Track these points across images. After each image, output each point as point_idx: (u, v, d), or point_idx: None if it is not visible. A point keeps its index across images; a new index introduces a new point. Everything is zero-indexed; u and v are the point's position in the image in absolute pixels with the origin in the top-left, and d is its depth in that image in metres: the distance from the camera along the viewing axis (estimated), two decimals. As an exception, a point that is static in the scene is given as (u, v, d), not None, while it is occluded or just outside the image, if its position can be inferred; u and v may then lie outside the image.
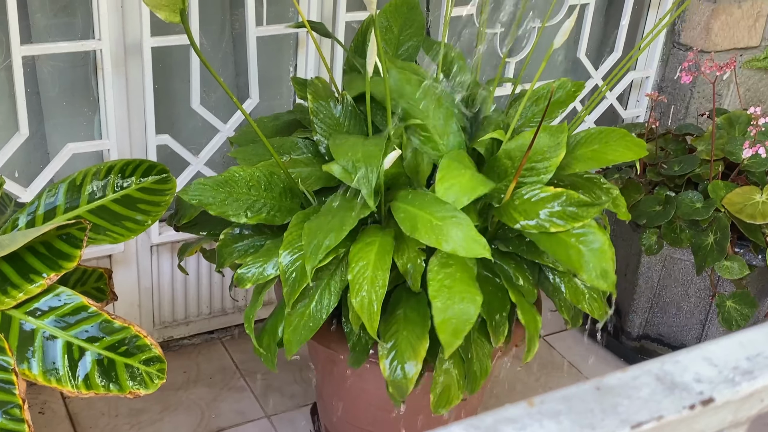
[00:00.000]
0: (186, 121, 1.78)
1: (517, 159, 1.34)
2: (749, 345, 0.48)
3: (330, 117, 1.39)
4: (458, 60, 1.55)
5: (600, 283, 1.26)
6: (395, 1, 1.54)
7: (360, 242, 1.26)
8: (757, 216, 1.70)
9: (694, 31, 2.15)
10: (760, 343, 0.48)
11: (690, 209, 1.76)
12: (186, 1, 1.11)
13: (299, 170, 1.37)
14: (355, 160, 1.24)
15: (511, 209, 1.32)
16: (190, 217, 1.41)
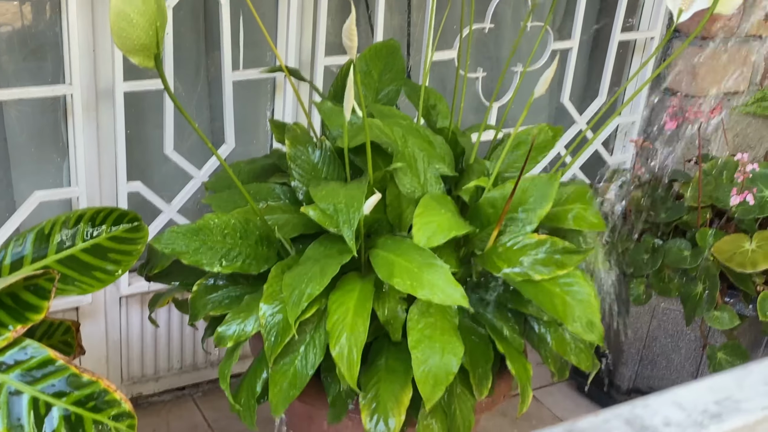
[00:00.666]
0: (158, 168, 1.81)
1: (500, 207, 1.38)
2: (718, 389, 0.50)
3: (308, 163, 1.42)
4: (439, 104, 1.59)
5: (587, 335, 1.29)
6: (375, 46, 1.59)
7: (339, 290, 1.28)
8: (747, 265, 1.74)
9: (680, 75, 2.21)
10: (729, 388, 0.50)
11: (678, 258, 1.80)
12: (161, 46, 1.14)
13: (276, 217, 1.39)
14: (336, 204, 1.27)
15: (495, 257, 1.35)
16: (162, 266, 1.43)
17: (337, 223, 1.28)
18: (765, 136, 2.40)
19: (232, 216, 1.35)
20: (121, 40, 1.11)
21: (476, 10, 2.06)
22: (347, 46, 1.14)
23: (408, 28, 2.02)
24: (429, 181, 1.38)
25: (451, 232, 1.30)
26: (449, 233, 1.29)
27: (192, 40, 1.76)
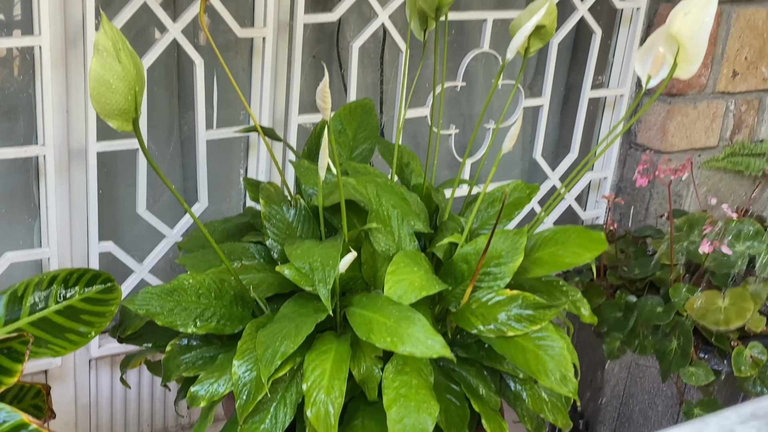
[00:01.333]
0: (130, 227, 1.85)
1: (474, 263, 1.44)
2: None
3: (283, 221, 1.47)
4: (413, 162, 1.66)
5: (561, 389, 1.34)
6: (350, 105, 1.66)
7: (315, 350, 1.32)
8: (721, 322, 1.80)
9: (650, 131, 2.31)
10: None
11: (651, 315, 1.86)
12: (139, 110, 1.20)
13: (251, 276, 1.44)
14: (311, 263, 1.32)
15: (468, 313, 1.41)
16: (135, 327, 1.46)
17: (312, 281, 1.33)
18: (736, 191, 2.49)
19: (207, 276, 1.40)
20: (100, 105, 1.16)
21: (448, 68, 2.14)
22: (321, 107, 1.20)
23: (381, 85, 2.10)
24: (403, 239, 1.44)
25: (422, 291, 1.35)
26: (421, 292, 1.34)
27: (165, 100, 1.82)
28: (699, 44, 1.27)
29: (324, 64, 1.65)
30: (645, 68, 1.39)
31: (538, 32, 1.57)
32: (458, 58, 2.05)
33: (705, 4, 1.26)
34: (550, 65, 2.13)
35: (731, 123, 2.39)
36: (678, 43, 1.30)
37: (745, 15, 2.26)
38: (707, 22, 1.26)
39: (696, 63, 1.30)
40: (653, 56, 1.38)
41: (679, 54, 1.30)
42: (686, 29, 1.27)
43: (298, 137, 1.86)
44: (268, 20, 1.73)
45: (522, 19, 1.54)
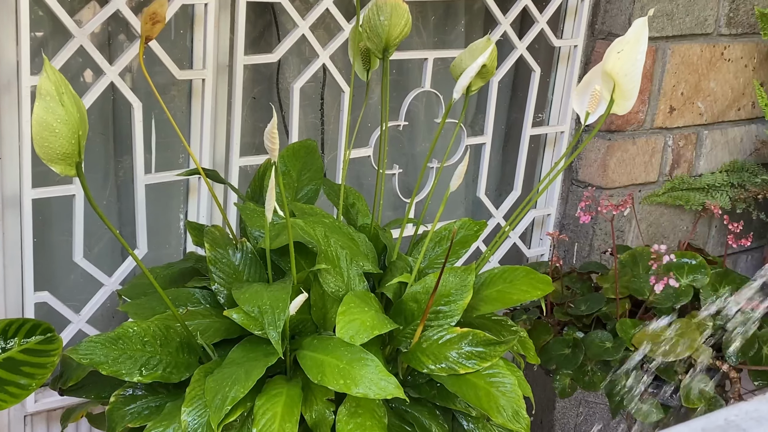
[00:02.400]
0: (65, 276, 1.86)
1: (423, 301, 1.48)
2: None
3: (229, 265, 1.50)
4: (358, 203, 1.71)
5: (513, 425, 1.39)
6: (293, 146, 1.71)
7: (266, 394, 1.35)
8: (669, 354, 1.88)
9: (591, 168, 2.40)
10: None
11: (600, 350, 1.93)
12: (83, 154, 1.23)
13: (197, 322, 1.46)
14: (260, 306, 1.35)
15: (419, 353, 1.45)
16: (77, 378, 1.47)
17: (262, 325, 1.36)
18: (678, 225, 2.60)
19: (152, 323, 1.42)
20: (43, 150, 1.18)
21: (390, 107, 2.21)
22: (269, 148, 1.25)
23: (321, 126, 2.15)
24: (353, 280, 1.48)
25: (374, 330, 1.39)
26: (372, 331, 1.39)
27: (101, 144, 1.84)
28: (633, 81, 1.36)
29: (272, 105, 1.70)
30: (583, 105, 1.47)
31: (480, 71, 1.64)
32: (400, 98, 2.11)
33: (636, 42, 1.35)
34: (491, 103, 2.21)
35: (670, 158, 2.50)
36: (613, 80, 1.38)
37: (680, 51, 2.38)
38: (639, 60, 1.35)
39: (631, 99, 1.38)
40: (590, 94, 1.46)
41: (615, 91, 1.38)
42: (620, 67, 1.35)
43: (240, 180, 1.90)
44: (208, 62, 1.77)
45: (463, 59, 1.61)
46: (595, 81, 1.43)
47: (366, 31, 1.50)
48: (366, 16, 1.50)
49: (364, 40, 1.52)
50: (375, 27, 1.49)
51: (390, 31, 1.49)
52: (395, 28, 1.49)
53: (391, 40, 1.50)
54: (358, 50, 1.65)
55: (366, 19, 1.50)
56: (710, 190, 2.57)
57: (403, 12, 1.49)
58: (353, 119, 2.01)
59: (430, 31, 2.22)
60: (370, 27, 1.49)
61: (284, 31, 1.99)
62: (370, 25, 1.49)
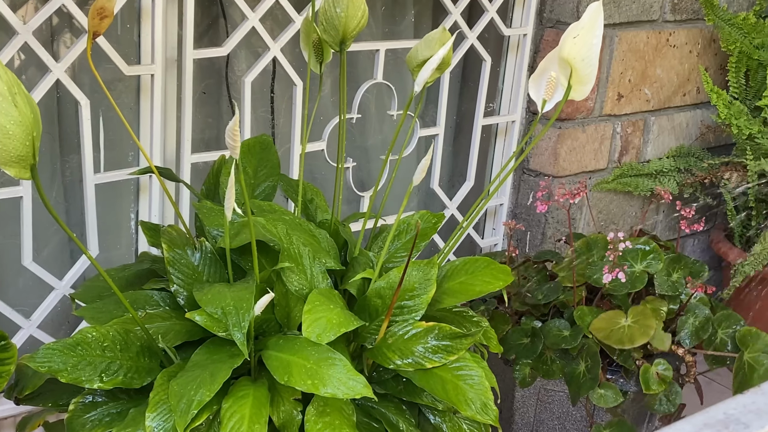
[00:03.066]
0: (13, 280, 1.81)
1: (388, 297, 1.48)
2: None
3: (188, 266, 1.48)
4: (317, 198, 1.70)
5: (482, 417, 1.39)
6: (248, 142, 1.69)
7: (232, 396, 1.33)
8: (625, 341, 1.91)
9: (542, 156, 2.42)
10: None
11: (558, 339, 1.95)
12: (37, 155, 1.19)
13: (157, 325, 1.44)
14: (224, 307, 1.34)
15: (385, 349, 1.45)
16: (34, 386, 1.44)
17: (226, 326, 1.35)
18: (627, 211, 2.64)
19: (111, 327, 1.39)
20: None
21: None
22: (230, 146, 1.23)
23: (272, 120, 2.13)
24: (316, 277, 1.47)
25: (341, 328, 1.39)
26: (339, 329, 1.38)
27: (46, 144, 1.79)
28: (590, 65, 1.37)
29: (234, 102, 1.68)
30: (539, 93, 1.48)
31: (436, 63, 1.64)
32: (351, 90, 2.10)
33: (591, 26, 1.36)
34: (443, 94, 2.22)
35: (619, 145, 2.54)
36: (570, 65, 1.39)
37: (627, 38, 2.41)
38: (596, 44, 1.36)
39: (589, 84, 1.39)
40: (546, 81, 1.47)
41: (572, 76, 1.40)
42: (576, 52, 1.36)
43: (192, 177, 1.87)
44: (156, 57, 1.74)
45: (419, 50, 1.61)
46: (550, 68, 1.43)
47: (322, 24, 1.49)
48: (322, 9, 1.48)
49: (320, 33, 1.51)
50: (331, 19, 1.48)
51: (347, 24, 1.48)
52: (352, 20, 1.48)
53: (348, 33, 1.49)
54: (309, 43, 1.64)
55: (322, 11, 1.48)
56: (658, 175, 2.62)
57: (360, 3, 1.48)
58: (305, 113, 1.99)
59: (379, 22, 2.22)
60: (327, 19, 1.48)
61: (232, 24, 1.96)
62: (326, 17, 1.48)
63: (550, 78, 1.43)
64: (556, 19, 2.33)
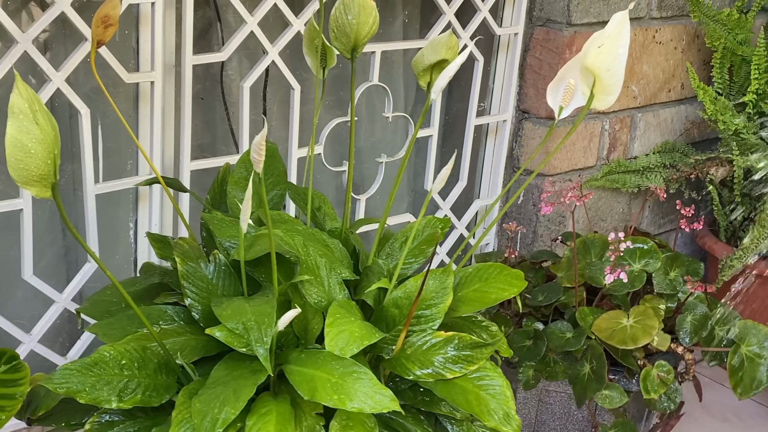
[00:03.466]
0: (10, 294, 1.77)
1: (405, 307, 1.47)
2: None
3: (202, 279, 1.45)
4: (324, 206, 1.68)
5: (505, 428, 1.39)
6: (252, 150, 1.66)
7: (255, 413, 1.31)
8: (628, 341, 1.92)
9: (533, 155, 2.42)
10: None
11: (561, 341, 1.96)
12: (58, 174, 1.16)
13: (172, 341, 1.41)
14: (245, 322, 1.32)
15: (404, 359, 1.44)
16: (47, 406, 1.40)
17: (248, 342, 1.33)
18: (615, 208, 2.66)
19: (128, 344, 1.36)
20: (18, 172, 1.12)
21: (335, 103, 2.18)
22: (255, 160, 1.21)
23: (264, 123, 2.10)
24: (333, 289, 1.46)
25: (364, 341, 1.37)
26: (362, 342, 1.37)
27: (42, 153, 1.75)
28: (616, 75, 1.37)
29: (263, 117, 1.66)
30: (557, 99, 1.48)
31: (441, 66, 1.63)
32: (346, 92, 2.09)
33: (618, 36, 1.35)
34: (437, 95, 2.20)
35: (607, 142, 2.56)
36: (594, 75, 1.39)
37: (614, 36, 2.42)
38: (622, 54, 1.36)
39: (614, 94, 1.39)
40: (564, 88, 1.46)
41: (596, 86, 1.39)
42: (602, 62, 1.36)
43: (192, 185, 1.84)
44: (156, 63, 1.71)
45: (425, 54, 1.60)
46: (569, 75, 1.43)
47: (333, 31, 1.47)
48: (333, 16, 1.46)
49: (332, 40, 1.49)
50: (343, 26, 1.46)
51: (359, 30, 1.47)
52: (364, 26, 1.47)
53: (360, 39, 1.48)
54: (313, 47, 1.62)
55: (333, 18, 1.47)
56: (645, 171, 2.64)
57: (371, 10, 1.46)
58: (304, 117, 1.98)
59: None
60: (338, 26, 1.46)
61: (228, 28, 1.94)
62: (337, 24, 1.46)
63: (568, 85, 1.43)
64: (546, 17, 2.34)
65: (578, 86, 1.42)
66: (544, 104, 2.38)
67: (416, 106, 2.39)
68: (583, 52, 1.38)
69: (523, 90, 2.41)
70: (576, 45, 2.33)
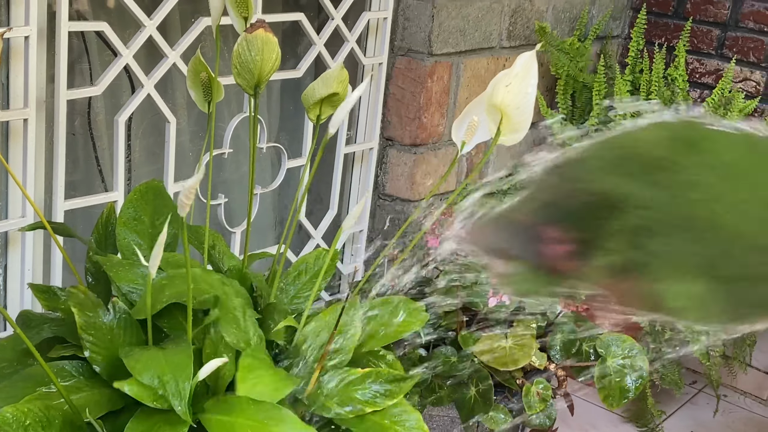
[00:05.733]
0: None
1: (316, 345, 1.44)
2: None
3: (102, 329, 1.37)
4: (219, 243, 1.62)
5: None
6: (140, 188, 1.58)
7: (176, 469, 1.25)
8: (509, 362, 1.96)
9: (398, 181, 2.45)
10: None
11: (447, 366, 1.98)
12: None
13: (75, 398, 1.32)
14: (160, 375, 1.25)
15: (322, 397, 1.41)
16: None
17: (164, 396, 1.26)
18: (473, 230, 2.72)
19: (30, 404, 1.26)
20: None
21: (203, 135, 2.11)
22: (182, 204, 1.15)
23: (128, 156, 2.01)
24: (249, 329, 1.41)
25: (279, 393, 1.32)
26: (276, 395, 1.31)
27: None
28: (525, 113, 1.40)
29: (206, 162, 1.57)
30: (459, 135, 1.50)
31: (331, 100, 1.62)
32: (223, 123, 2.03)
33: (526, 75, 1.39)
34: (308, 125, 2.19)
35: (465, 166, 2.62)
36: (502, 113, 1.41)
37: (471, 65, 2.49)
38: (531, 93, 1.39)
39: (522, 131, 1.42)
40: (467, 124, 1.49)
41: (504, 123, 1.42)
42: (510, 100, 1.39)
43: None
44: (30, 100, 1.60)
45: (315, 88, 1.59)
46: (474, 112, 1.46)
47: (236, 67, 1.43)
48: (236, 52, 1.42)
49: (234, 76, 1.44)
50: (246, 63, 1.42)
51: (263, 66, 1.43)
52: (267, 62, 1.43)
53: (263, 75, 1.44)
54: (198, 81, 1.57)
55: (236, 54, 1.42)
56: (500, 193, 2.72)
57: (274, 45, 1.43)
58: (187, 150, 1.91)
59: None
60: (241, 63, 1.42)
61: (97, 61, 1.84)
62: (240, 61, 1.42)
63: (471, 122, 1.45)
64: (407, 47, 2.37)
65: (483, 123, 1.44)
66: (407, 132, 2.41)
67: (281, 135, 2.35)
68: (490, 91, 1.40)
69: (387, 118, 2.42)
70: (437, 74, 2.37)
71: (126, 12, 1.74)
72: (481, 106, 1.44)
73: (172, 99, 1.99)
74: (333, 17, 2.14)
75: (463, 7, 2.37)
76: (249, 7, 1.43)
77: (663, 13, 2.99)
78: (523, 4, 2.58)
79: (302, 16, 2.07)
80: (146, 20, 1.74)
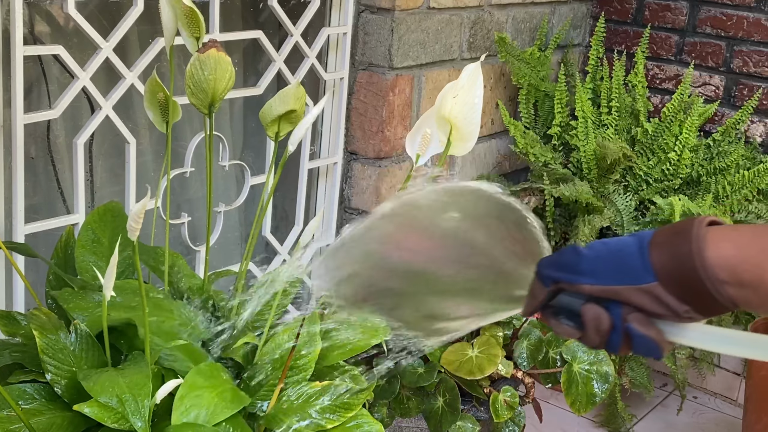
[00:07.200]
0: None
1: (277, 361, 1.45)
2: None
3: (63, 351, 1.37)
4: (178, 262, 1.63)
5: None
6: (99, 210, 1.59)
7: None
8: (476, 371, 1.98)
9: (363, 195, 2.47)
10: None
11: (414, 377, 1.99)
12: None
13: (35, 420, 1.32)
14: (119, 395, 1.26)
15: (281, 414, 1.42)
16: None
17: (123, 416, 1.26)
18: (440, 241, 2.74)
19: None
20: None
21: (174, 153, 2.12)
22: (132, 228, 1.16)
23: (90, 178, 2.02)
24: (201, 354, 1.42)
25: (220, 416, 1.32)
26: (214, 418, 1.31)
27: None
28: (473, 123, 1.42)
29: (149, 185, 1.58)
30: (414, 148, 1.52)
31: (289, 117, 1.63)
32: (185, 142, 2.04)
33: (471, 86, 1.41)
34: (270, 142, 2.20)
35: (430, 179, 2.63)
36: (451, 124, 1.43)
37: (432, 77, 2.51)
38: (477, 104, 1.42)
39: (471, 141, 1.44)
40: (421, 137, 1.51)
41: (453, 134, 1.44)
42: (458, 111, 1.41)
43: (27, 249, 1.73)
44: (-14, 124, 1.60)
45: (273, 105, 1.60)
46: (425, 125, 1.48)
47: (190, 87, 1.44)
48: (189, 72, 1.43)
49: (188, 96, 1.45)
50: (200, 82, 1.43)
51: (216, 86, 1.44)
52: (221, 82, 1.44)
53: (217, 95, 1.45)
54: (155, 101, 1.58)
55: (189, 74, 1.43)
56: (465, 204, 2.74)
57: (227, 65, 1.44)
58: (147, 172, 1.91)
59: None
60: (194, 83, 1.43)
61: (56, 83, 1.85)
62: (193, 81, 1.43)
63: (425, 134, 1.47)
64: (368, 62, 2.38)
65: (435, 135, 1.46)
66: (371, 145, 2.42)
67: (245, 152, 2.37)
68: (438, 103, 1.43)
69: (350, 132, 2.44)
70: (398, 87, 2.39)
71: (83, 34, 1.75)
72: (431, 118, 1.46)
73: (133, 119, 2.00)
74: (292, 34, 2.16)
75: (422, 21, 2.39)
76: (200, 28, 1.44)
77: (622, 20, 3.03)
78: (483, 16, 2.61)
79: (261, 34, 2.09)
80: (102, 42, 1.75)
